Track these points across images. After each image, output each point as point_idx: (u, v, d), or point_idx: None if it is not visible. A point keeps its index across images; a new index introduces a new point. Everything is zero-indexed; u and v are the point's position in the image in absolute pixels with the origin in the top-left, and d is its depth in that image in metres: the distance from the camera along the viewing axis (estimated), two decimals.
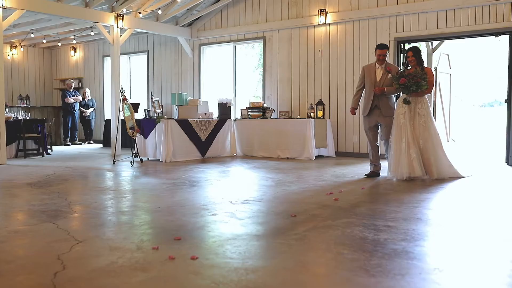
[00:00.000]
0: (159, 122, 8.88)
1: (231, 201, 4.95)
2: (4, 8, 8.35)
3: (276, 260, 3.07)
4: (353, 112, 7.09)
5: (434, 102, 11.56)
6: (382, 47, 6.76)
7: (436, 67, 11.37)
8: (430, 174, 6.41)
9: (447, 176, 6.44)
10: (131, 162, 8.40)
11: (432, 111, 6.59)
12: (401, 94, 6.71)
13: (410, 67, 6.55)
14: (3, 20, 8.59)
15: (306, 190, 5.73)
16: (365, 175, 6.86)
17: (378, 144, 6.98)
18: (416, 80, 6.29)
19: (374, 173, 6.85)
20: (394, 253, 3.15)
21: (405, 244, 3.37)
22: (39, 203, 4.91)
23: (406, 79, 6.32)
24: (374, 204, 4.91)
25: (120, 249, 3.25)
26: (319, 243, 3.45)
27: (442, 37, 9.13)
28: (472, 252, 3.27)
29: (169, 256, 3.05)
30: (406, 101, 6.46)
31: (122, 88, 8.72)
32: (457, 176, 6.50)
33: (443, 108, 12.08)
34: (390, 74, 6.64)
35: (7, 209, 4.76)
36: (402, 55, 9.17)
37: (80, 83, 14.52)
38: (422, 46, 11.63)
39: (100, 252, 3.19)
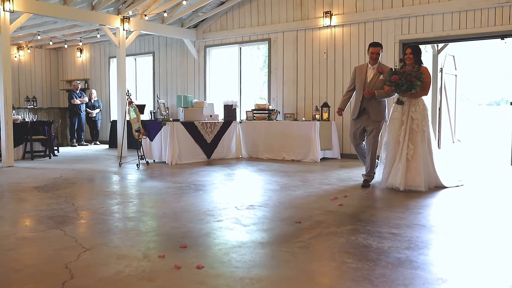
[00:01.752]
0: (165, 125, 8.93)
1: (236, 207, 4.98)
2: (11, 11, 8.42)
3: (280, 269, 3.10)
4: (339, 113, 6.71)
5: (440, 103, 11.56)
6: (375, 45, 6.35)
7: (441, 68, 11.36)
8: (411, 183, 5.83)
9: (432, 186, 5.99)
10: (137, 164, 8.46)
11: (429, 115, 6.12)
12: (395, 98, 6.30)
13: (407, 65, 6.04)
14: (10, 24, 8.67)
15: (311, 194, 5.76)
16: (361, 186, 6.35)
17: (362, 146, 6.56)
18: (409, 79, 5.78)
19: (367, 182, 6.40)
20: (398, 262, 3.17)
21: (409, 252, 3.40)
22: (46, 208, 4.97)
23: (398, 77, 5.82)
24: (378, 210, 4.93)
25: (127, 257, 3.29)
26: (323, 251, 3.48)
27: (448, 40, 9.11)
28: (476, 261, 3.29)
29: (175, 265, 3.09)
30: (399, 102, 6.03)
31: (128, 91, 8.77)
32: (441, 186, 6.04)
33: (448, 109, 12.06)
34: (382, 75, 6.19)
35: (15, 214, 4.83)
36: None
37: (86, 84, 14.61)
38: (427, 47, 11.64)
39: (107, 260, 3.24)
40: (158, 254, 3.35)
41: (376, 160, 6.48)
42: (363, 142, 6.57)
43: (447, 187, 6.04)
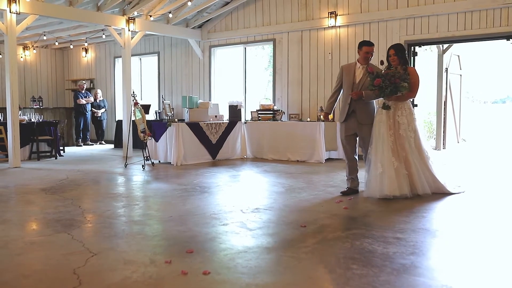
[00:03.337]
0: (170, 126, 8.96)
1: (242, 210, 5.01)
2: (18, 13, 8.46)
3: (286, 275, 3.12)
4: (325, 118, 6.36)
5: (445, 103, 11.56)
6: (370, 44, 5.89)
7: (446, 68, 11.35)
8: (414, 191, 5.60)
9: (432, 192, 5.67)
10: (142, 165, 8.50)
11: (416, 119, 5.71)
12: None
13: (393, 67, 5.68)
14: (16, 25, 8.71)
15: (316, 197, 5.77)
16: (340, 193, 5.94)
17: (356, 156, 6.06)
18: (393, 81, 5.41)
19: (351, 190, 5.95)
20: (403, 269, 3.19)
21: (414, 258, 3.42)
22: (53, 210, 5.01)
23: (381, 80, 5.46)
24: (383, 213, 4.93)
25: (134, 262, 3.32)
26: (328, 257, 3.50)
27: (453, 40, 9.11)
28: (481, 267, 3.30)
29: (182, 271, 3.12)
30: (385, 106, 5.62)
31: (133, 92, 8.82)
32: (443, 192, 5.75)
33: (453, 109, 12.06)
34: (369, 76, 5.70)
35: (22, 217, 4.87)
36: (412, 58, 9.17)
37: (91, 84, 14.66)
38: (432, 47, 11.62)
39: (114, 266, 3.27)
40: (164, 259, 3.38)
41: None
42: (356, 153, 6.08)
43: (452, 193, 5.76)
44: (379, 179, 5.53)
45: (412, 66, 9.16)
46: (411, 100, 6.17)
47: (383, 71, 5.66)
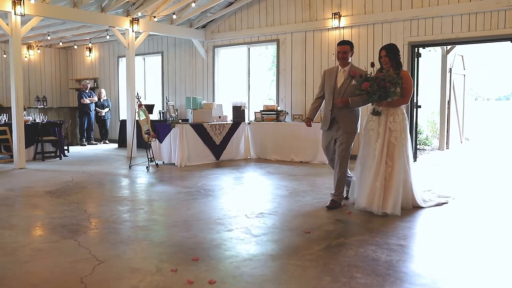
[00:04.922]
0: (174, 127, 8.99)
1: (246, 215, 5.04)
2: (22, 15, 8.49)
3: (291, 284, 3.16)
4: (308, 123, 5.70)
5: (449, 102, 11.56)
6: (342, 43, 5.47)
7: (450, 69, 11.35)
8: (385, 206, 5.02)
9: (408, 207, 5.24)
10: (146, 167, 8.53)
11: (408, 126, 5.25)
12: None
13: (384, 70, 5.23)
14: (21, 27, 8.74)
15: (320, 201, 5.79)
16: (326, 207, 5.42)
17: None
18: (382, 85, 4.95)
19: (335, 203, 5.48)
20: (406, 278, 3.22)
21: (417, 266, 3.45)
22: (59, 215, 5.05)
23: (369, 84, 5.00)
24: (386, 219, 4.92)
25: (140, 271, 3.36)
26: (332, 265, 3.52)
27: (457, 42, 9.09)
28: (488, 277, 3.32)
29: (188, 280, 3.16)
30: (375, 112, 5.22)
31: (137, 93, 8.85)
32: (419, 206, 5.33)
33: (457, 109, 12.06)
34: (354, 80, 5.27)
35: (29, 222, 4.91)
36: (416, 59, 9.17)
37: (95, 83, 14.70)
38: (436, 48, 11.61)
39: (121, 274, 3.31)
40: (170, 267, 3.42)
41: (350, 177, 5.78)
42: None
43: (424, 207, 5.33)
44: (358, 189, 5.34)
45: (415, 66, 9.17)
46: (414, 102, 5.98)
47: (372, 74, 5.17)
